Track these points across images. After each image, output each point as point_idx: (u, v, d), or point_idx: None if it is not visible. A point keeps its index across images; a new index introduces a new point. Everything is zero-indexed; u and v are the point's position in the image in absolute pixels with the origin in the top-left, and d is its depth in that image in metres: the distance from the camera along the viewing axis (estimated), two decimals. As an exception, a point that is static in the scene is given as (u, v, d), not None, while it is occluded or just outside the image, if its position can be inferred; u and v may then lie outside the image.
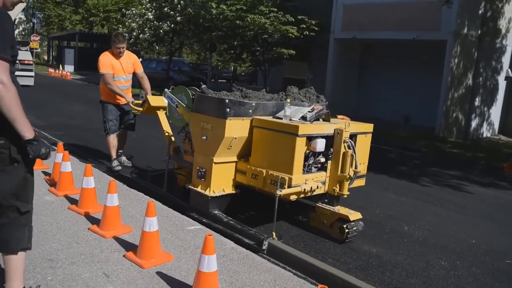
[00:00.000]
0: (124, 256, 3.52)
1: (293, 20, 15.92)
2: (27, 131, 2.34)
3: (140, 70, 6.56)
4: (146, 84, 6.45)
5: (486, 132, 15.44)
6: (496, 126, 16.03)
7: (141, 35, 21.74)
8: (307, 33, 16.11)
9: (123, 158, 6.83)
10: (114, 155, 6.48)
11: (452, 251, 4.61)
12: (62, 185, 4.89)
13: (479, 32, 13.78)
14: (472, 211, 6.26)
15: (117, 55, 6.26)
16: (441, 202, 6.50)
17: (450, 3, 11.60)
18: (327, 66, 16.24)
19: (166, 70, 23.30)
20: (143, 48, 23.93)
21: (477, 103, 14.47)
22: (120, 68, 6.28)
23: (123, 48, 6.23)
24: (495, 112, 15.69)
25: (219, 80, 30.90)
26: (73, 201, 4.68)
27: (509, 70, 15.48)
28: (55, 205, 4.54)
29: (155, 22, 21.13)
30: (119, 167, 6.51)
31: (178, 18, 19.89)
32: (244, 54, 19.85)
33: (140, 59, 30.11)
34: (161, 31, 20.98)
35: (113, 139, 6.42)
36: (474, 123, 14.61)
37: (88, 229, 4.00)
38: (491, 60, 14.71)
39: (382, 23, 14.09)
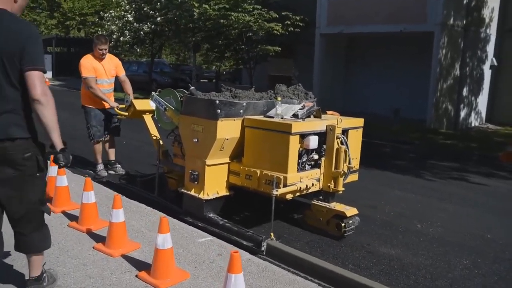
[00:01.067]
0: (137, 276, 3.27)
1: (277, 16, 15.71)
2: (60, 141, 2.57)
3: (122, 74, 6.39)
4: (129, 88, 6.25)
5: (474, 122, 15.51)
6: (483, 115, 16.12)
7: (121, 38, 21.24)
8: (292, 29, 15.92)
9: (118, 167, 6.58)
10: (99, 160, 6.33)
11: (471, 249, 4.46)
12: (58, 200, 4.59)
13: (464, 22, 13.80)
14: (479, 204, 6.15)
15: (99, 58, 6.06)
16: (447, 196, 6.38)
17: None
18: (314, 62, 16.08)
19: (148, 73, 22.86)
20: (124, 51, 23.38)
21: (465, 93, 14.51)
22: (103, 71, 6.08)
23: (105, 49, 6.05)
24: (482, 101, 15.77)
25: (201, 80, 30.56)
26: (72, 217, 4.39)
27: (494, 59, 15.61)
28: (54, 223, 4.23)
29: (135, 24, 20.66)
30: (105, 173, 6.33)
31: (158, 19, 19.49)
32: (228, 53, 19.54)
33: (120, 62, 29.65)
34: (142, 32, 20.52)
35: (98, 146, 6.24)
36: (463, 113, 14.65)
37: (93, 248, 3.73)
38: (477, 49, 14.76)
39: (368, 16, 13.97)
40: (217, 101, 4.22)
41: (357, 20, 14.37)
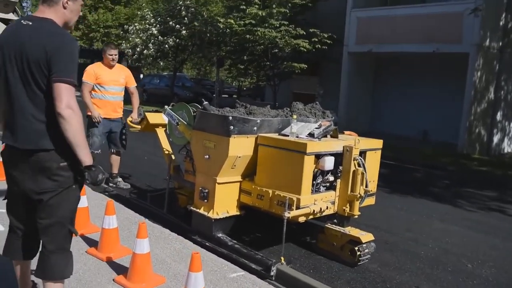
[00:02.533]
0: (162, 319, 2.87)
1: (304, 33, 15.41)
2: (87, 157, 2.38)
3: (133, 85, 6.33)
4: (136, 100, 6.27)
5: (507, 147, 14.83)
6: (517, 140, 15.43)
7: (145, 51, 21.21)
8: (319, 46, 15.57)
9: (119, 180, 6.43)
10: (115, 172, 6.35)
11: (534, 296, 3.95)
12: (77, 222, 4.18)
13: (500, 44, 13.26)
14: (531, 241, 5.60)
15: (109, 65, 6.05)
16: (492, 230, 5.85)
17: (478, 11, 11.04)
18: (341, 80, 15.67)
19: (170, 86, 22.76)
20: (147, 64, 23.38)
21: (498, 117, 13.89)
22: (110, 78, 6.02)
23: (115, 55, 6.06)
24: (516, 127, 15.11)
25: (222, 96, 30.43)
26: (90, 242, 4.03)
27: (529, 82, 14.97)
28: (71, 247, 3.86)
29: (159, 37, 20.62)
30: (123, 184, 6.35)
31: (183, 32, 19.39)
32: (251, 69, 19.28)
33: (142, 76, 29.55)
34: (166, 46, 20.44)
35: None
36: (496, 138, 14.01)
37: (114, 280, 3.35)
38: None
39: (399, 35, 13.56)
40: (230, 117, 4.04)
41: (387, 39, 13.96)
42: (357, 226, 5.41)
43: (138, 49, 21.36)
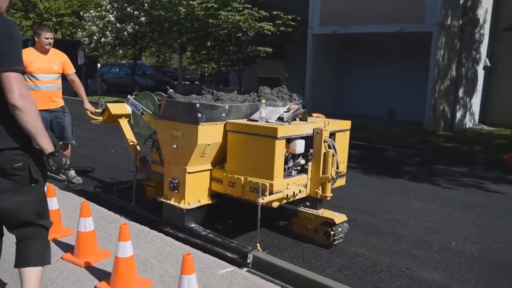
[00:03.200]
0: (154, 327, 2.68)
1: (268, 15, 15.17)
2: (48, 145, 2.31)
3: (71, 72, 5.81)
4: (81, 89, 5.86)
5: (468, 123, 15.25)
6: (477, 116, 15.89)
7: (102, 39, 20.35)
8: (283, 29, 15.39)
9: (71, 173, 6.08)
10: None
11: (520, 271, 4.00)
12: (49, 226, 3.93)
13: (461, 22, 13.49)
14: (505, 214, 5.70)
15: (43, 50, 5.47)
16: (468, 206, 5.92)
17: None
18: (306, 63, 15.58)
19: (131, 75, 22.03)
20: (106, 53, 22.48)
21: (460, 94, 14.22)
22: (44, 66, 5.47)
23: (51, 39, 5.47)
24: (476, 102, 15.53)
25: (184, 83, 29.87)
26: (64, 246, 3.75)
27: (487, 59, 15.39)
28: (44, 254, 3.58)
29: (117, 24, 19.83)
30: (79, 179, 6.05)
31: (142, 19, 18.72)
32: (215, 55, 18.89)
33: (99, 65, 28.52)
34: (125, 33, 19.69)
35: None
36: (458, 115, 14.36)
37: None
38: (471, 50, 14.49)
39: (363, 16, 13.54)
40: (198, 105, 3.96)
41: (351, 20, 13.92)
42: (339, 210, 5.35)
43: (95, 38, 20.47)
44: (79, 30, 21.79)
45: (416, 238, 4.66)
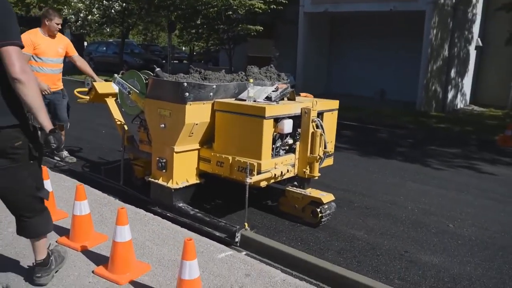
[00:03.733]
0: (155, 313, 2.62)
1: (258, -8, 14.90)
2: (48, 121, 2.37)
3: (75, 54, 5.90)
4: (88, 68, 5.95)
5: (460, 103, 15.29)
6: (468, 96, 15.93)
7: (89, 17, 19.88)
8: (275, 6, 15.12)
9: (64, 153, 6.11)
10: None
11: (517, 252, 4.01)
12: (42, 209, 3.82)
13: (454, 1, 13.37)
14: (500, 196, 5.71)
15: (52, 33, 5.54)
16: (464, 188, 5.93)
17: None
18: (298, 42, 15.38)
19: (119, 54, 21.62)
20: (92, 31, 21.98)
21: (452, 74, 14.20)
22: (48, 49, 5.52)
23: (60, 24, 5.58)
24: (467, 83, 15.55)
25: (172, 61, 29.44)
26: (60, 230, 3.65)
27: (479, 39, 15.36)
28: (38, 238, 3.49)
29: (104, 1, 19.34)
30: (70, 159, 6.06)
31: (130, -4, 18.32)
32: (204, 33, 18.57)
33: (86, 43, 27.92)
34: (112, 10, 19.23)
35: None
36: (450, 95, 14.37)
37: (93, 272, 3.03)
38: (464, 29, 14.43)
39: (356, -6, 13.36)
40: (185, 84, 3.91)
41: (343, -2, 13.72)
42: (335, 192, 5.33)
43: (81, 15, 20.00)
44: (65, 7, 21.22)
45: (413, 221, 4.64)
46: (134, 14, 20.82)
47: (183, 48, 34.48)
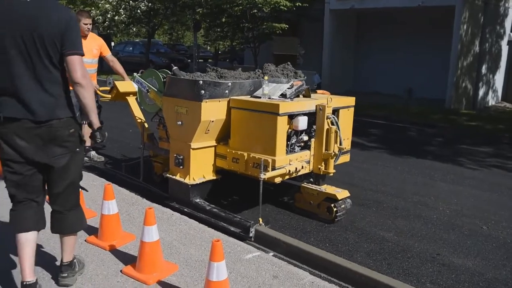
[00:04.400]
0: (183, 315, 2.60)
1: (284, -10, 14.77)
2: (97, 120, 2.73)
3: (108, 53, 6.04)
4: (120, 68, 6.06)
5: (491, 100, 14.85)
6: (499, 93, 15.46)
7: (116, 17, 20.17)
8: (300, 4, 14.98)
9: (93, 153, 6.24)
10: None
11: (557, 257, 3.83)
12: (71, 208, 3.87)
13: (485, -5, 12.99)
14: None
15: (83, 34, 5.55)
16: (498, 188, 5.73)
17: None
18: (324, 39, 15.22)
19: (145, 53, 21.87)
20: (119, 31, 22.30)
21: (483, 70, 13.79)
22: (86, 50, 5.46)
23: (90, 24, 5.68)
24: (499, 79, 15.08)
25: (198, 60, 29.60)
26: (89, 229, 3.68)
27: (511, 34, 14.87)
28: (68, 237, 3.53)
29: (130, 1, 19.58)
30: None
31: (156, -4, 18.48)
32: (229, 32, 18.57)
33: (113, 43, 28.35)
34: (138, 11, 19.45)
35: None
36: (481, 92, 13.96)
37: (121, 271, 3.04)
38: (496, 24, 13.98)
39: (382, -10, 13.12)
40: (201, 82, 3.98)
41: (370, -6, 13.49)
42: (363, 192, 5.25)
43: (108, 16, 20.30)
44: (92, 8, 21.59)
45: (445, 222, 4.51)
46: (159, 14, 21.01)
47: (208, 47, 34.63)
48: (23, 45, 2.43)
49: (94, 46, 5.78)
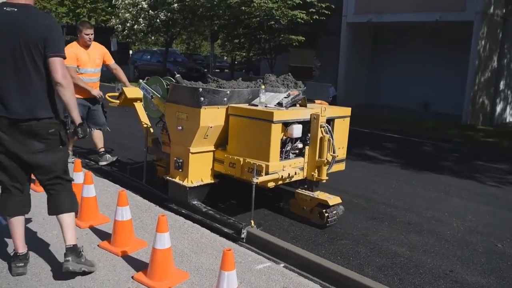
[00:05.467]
0: (192, 323, 2.61)
1: (301, 2, 14.85)
2: (78, 117, 2.97)
3: (112, 62, 6.21)
4: (122, 75, 6.26)
5: (508, 117, 14.66)
6: (518, 110, 15.25)
7: (135, 26, 20.49)
8: (317, 17, 15.05)
9: (108, 156, 6.37)
10: (70, 149, 5.93)
11: None
12: (85, 213, 3.93)
13: (504, 11, 12.89)
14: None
15: (85, 45, 5.81)
16: (513, 206, 5.65)
17: None
18: (340, 52, 15.25)
19: (163, 62, 22.14)
20: (138, 40, 22.63)
21: (501, 86, 13.65)
22: (87, 60, 5.84)
23: (91, 34, 5.82)
24: (517, 95, 14.90)
25: (214, 70, 29.81)
26: (101, 234, 3.74)
27: (530, 50, 14.70)
28: (82, 241, 3.58)
29: (150, 11, 19.90)
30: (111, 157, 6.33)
31: (175, 5, 18.69)
32: (246, 43, 18.71)
33: (131, 52, 28.73)
34: (157, 20, 19.74)
35: (98, 133, 6.21)
36: (498, 108, 13.81)
37: (133, 278, 3.07)
38: (514, 40, 13.86)
39: (400, 4, 13.11)
40: (200, 89, 4.18)
41: (387, 8, 13.51)
42: (377, 205, 5.21)
43: (128, 25, 20.64)
44: (113, 17, 21.99)
45: (459, 239, 4.45)
46: (178, 23, 21.29)
47: (225, 57, 34.93)
48: (11, 49, 2.73)
49: (96, 56, 5.93)
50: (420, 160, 8.25)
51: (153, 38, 21.81)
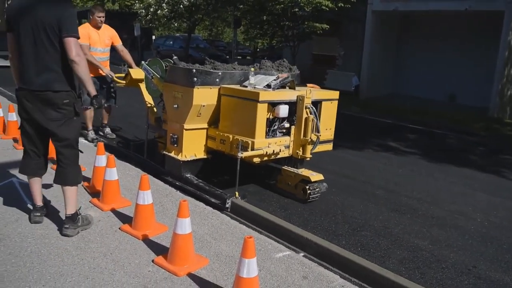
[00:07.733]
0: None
1: (326, -11, 14.57)
2: (93, 89, 3.29)
3: (119, 43, 6.59)
4: (129, 57, 6.58)
5: (537, 111, 14.19)
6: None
7: (158, 11, 20.51)
8: (342, 5, 14.78)
9: (107, 130, 6.92)
10: (90, 127, 6.60)
11: None
12: (107, 196, 3.97)
13: (537, 1, 12.41)
14: None
15: (96, 26, 6.29)
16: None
17: None
18: (364, 40, 14.96)
19: (185, 48, 22.15)
20: (161, 25, 22.66)
21: (531, 79, 13.20)
22: (98, 40, 6.29)
23: (103, 17, 6.31)
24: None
25: (236, 57, 29.71)
26: (123, 217, 3.77)
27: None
28: (103, 224, 3.63)
29: (173, -4, 19.86)
30: (94, 136, 6.58)
31: (199, -9, 18.64)
32: (269, 30, 18.52)
33: (154, 37, 28.75)
34: (181, 6, 19.70)
35: (89, 112, 6.51)
36: (527, 102, 13.37)
37: (153, 261, 3.09)
38: (547, 31, 13.35)
39: (429, -8, 12.76)
40: (194, 70, 4.48)
41: (415, -4, 13.15)
42: (399, 198, 5.14)
43: (151, 10, 20.67)
44: (136, 2, 22.02)
45: (483, 234, 4.35)
46: (201, 9, 21.22)
47: (247, 44, 34.73)
48: (31, 31, 3.08)
49: (106, 37, 6.38)
50: (444, 152, 8.09)
51: (176, 24, 21.77)
